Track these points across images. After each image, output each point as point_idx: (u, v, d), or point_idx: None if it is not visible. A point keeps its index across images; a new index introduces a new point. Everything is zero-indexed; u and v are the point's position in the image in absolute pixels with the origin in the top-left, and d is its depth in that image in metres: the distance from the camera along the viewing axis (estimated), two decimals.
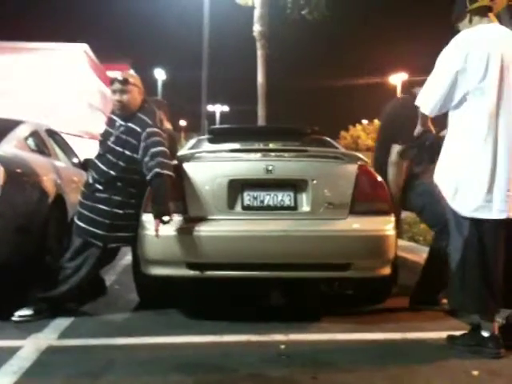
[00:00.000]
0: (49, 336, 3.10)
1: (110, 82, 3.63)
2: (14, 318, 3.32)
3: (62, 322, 3.34)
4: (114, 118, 3.61)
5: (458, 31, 2.93)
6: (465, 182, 2.83)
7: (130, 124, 3.49)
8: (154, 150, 3.38)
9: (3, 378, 2.47)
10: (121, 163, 3.47)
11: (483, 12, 2.86)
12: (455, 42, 2.84)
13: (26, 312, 3.36)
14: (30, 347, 2.88)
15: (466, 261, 2.85)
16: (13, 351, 2.79)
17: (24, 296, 3.49)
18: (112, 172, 3.48)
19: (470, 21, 2.88)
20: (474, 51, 2.74)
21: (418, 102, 3.02)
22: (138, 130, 3.45)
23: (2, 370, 2.57)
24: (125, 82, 3.51)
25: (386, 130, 4.00)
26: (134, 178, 3.50)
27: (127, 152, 3.46)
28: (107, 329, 3.26)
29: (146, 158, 3.39)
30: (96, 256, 3.49)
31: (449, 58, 2.83)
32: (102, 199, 3.49)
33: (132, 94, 3.51)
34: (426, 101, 2.94)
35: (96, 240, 3.47)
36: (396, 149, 3.74)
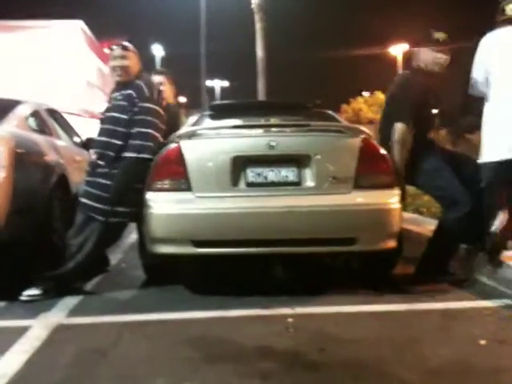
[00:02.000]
0: (58, 314, 3.13)
1: (109, 49, 3.67)
2: (22, 298, 3.35)
3: (71, 301, 3.38)
4: (114, 94, 3.63)
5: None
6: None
7: (127, 91, 3.53)
8: (139, 129, 3.43)
9: (15, 357, 2.50)
10: (119, 129, 3.49)
11: (508, 23, 3.54)
12: (482, 41, 3.61)
13: (34, 291, 3.39)
14: (39, 326, 2.91)
15: None
16: (23, 331, 2.82)
17: (31, 276, 3.52)
18: (114, 140, 3.49)
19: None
20: (487, 47, 3.57)
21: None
22: (134, 94, 3.50)
23: (12, 349, 2.60)
24: (124, 47, 3.62)
25: (388, 108, 3.98)
26: None
27: (116, 114, 3.50)
28: (115, 306, 3.29)
29: (132, 131, 3.44)
30: (98, 232, 3.49)
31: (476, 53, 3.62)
32: (103, 174, 3.51)
33: (132, 60, 3.61)
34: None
35: (97, 214, 3.48)
36: (399, 127, 3.70)
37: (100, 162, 3.52)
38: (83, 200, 3.54)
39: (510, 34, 3.54)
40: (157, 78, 4.52)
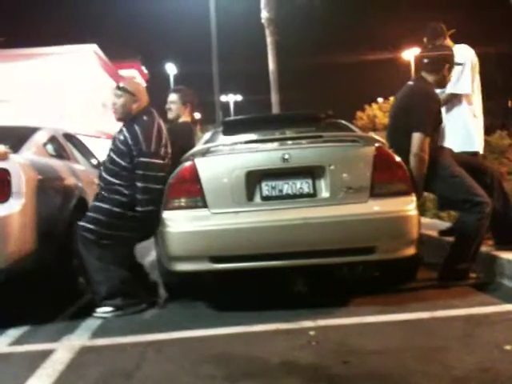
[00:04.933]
0: (81, 337, 3.16)
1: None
2: (95, 315, 3.48)
3: (93, 322, 3.41)
4: (118, 131, 3.79)
5: None
6: None
7: (125, 133, 3.66)
8: (139, 184, 3.56)
9: (39, 382, 2.52)
10: (119, 172, 3.63)
11: None
12: None
13: (106, 309, 3.51)
14: (62, 349, 2.94)
15: None
16: (46, 354, 2.85)
17: (52, 300, 3.56)
18: (110, 178, 3.65)
19: None
20: None
21: None
22: (130, 141, 3.62)
23: (36, 373, 2.62)
24: (118, 87, 3.79)
25: (399, 118, 3.94)
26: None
27: (115, 156, 3.65)
28: (137, 326, 3.31)
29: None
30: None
31: None
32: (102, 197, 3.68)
33: (123, 98, 3.72)
34: None
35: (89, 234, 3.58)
36: (421, 139, 3.67)
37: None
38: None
39: None
40: (170, 97, 4.60)
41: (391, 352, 2.62)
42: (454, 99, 4.34)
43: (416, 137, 3.68)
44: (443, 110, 4.12)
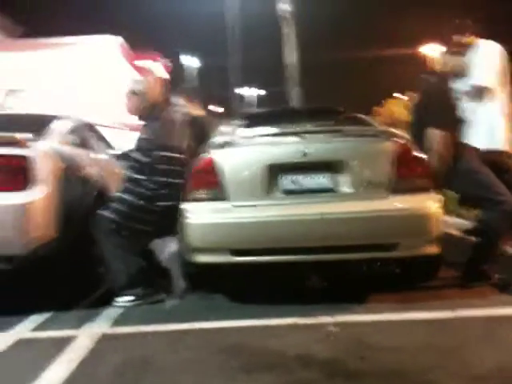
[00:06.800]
0: (102, 324, 3.21)
1: None
2: (115, 304, 3.53)
3: (114, 311, 3.46)
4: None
5: None
6: None
7: (144, 127, 3.78)
8: (160, 179, 3.62)
9: (61, 367, 2.57)
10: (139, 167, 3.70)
11: None
12: None
13: (127, 298, 3.55)
14: (84, 336, 2.99)
15: None
16: (68, 341, 2.90)
17: (74, 288, 3.61)
18: (134, 175, 3.72)
19: None
20: None
21: None
22: (149, 137, 3.72)
23: (58, 359, 2.67)
24: (129, 91, 3.92)
25: (420, 114, 3.92)
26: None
27: (136, 154, 3.73)
28: (157, 315, 3.35)
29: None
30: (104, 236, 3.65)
31: None
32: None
33: (132, 100, 3.87)
34: None
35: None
36: (435, 135, 3.63)
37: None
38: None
39: None
40: (176, 101, 4.66)
41: (409, 349, 2.61)
42: (478, 95, 4.26)
43: (434, 133, 3.64)
44: (468, 106, 4.05)
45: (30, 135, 3.56)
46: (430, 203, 3.35)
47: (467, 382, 2.24)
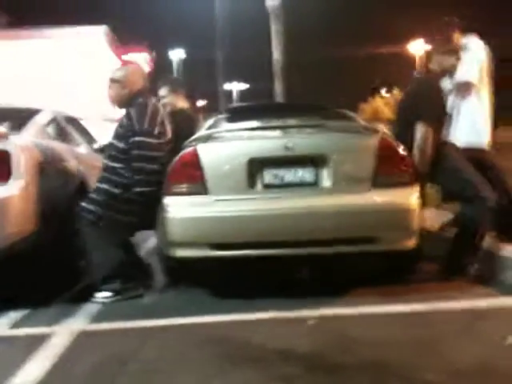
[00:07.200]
0: (81, 321, 3.16)
1: None
2: (94, 300, 3.48)
3: (93, 307, 3.41)
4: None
5: None
6: None
7: (125, 117, 3.68)
8: (135, 164, 3.52)
9: (36, 365, 2.52)
10: (118, 155, 3.64)
11: None
12: None
13: (105, 294, 3.50)
14: (62, 333, 2.94)
15: None
16: (46, 338, 2.85)
17: (53, 283, 3.55)
18: (111, 163, 3.68)
19: None
20: None
21: None
22: (125, 123, 3.65)
23: (36, 356, 2.62)
24: (109, 79, 3.84)
25: (405, 110, 3.92)
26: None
27: (114, 141, 3.67)
28: (136, 311, 3.31)
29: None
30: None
31: None
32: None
33: (112, 89, 3.80)
34: None
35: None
36: (420, 130, 3.64)
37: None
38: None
39: None
40: (160, 92, 4.62)
41: (390, 343, 2.61)
42: (462, 91, 4.28)
43: (419, 128, 3.65)
44: (451, 102, 4.07)
45: (7, 129, 3.49)
46: (411, 198, 3.36)
47: (447, 376, 2.24)
